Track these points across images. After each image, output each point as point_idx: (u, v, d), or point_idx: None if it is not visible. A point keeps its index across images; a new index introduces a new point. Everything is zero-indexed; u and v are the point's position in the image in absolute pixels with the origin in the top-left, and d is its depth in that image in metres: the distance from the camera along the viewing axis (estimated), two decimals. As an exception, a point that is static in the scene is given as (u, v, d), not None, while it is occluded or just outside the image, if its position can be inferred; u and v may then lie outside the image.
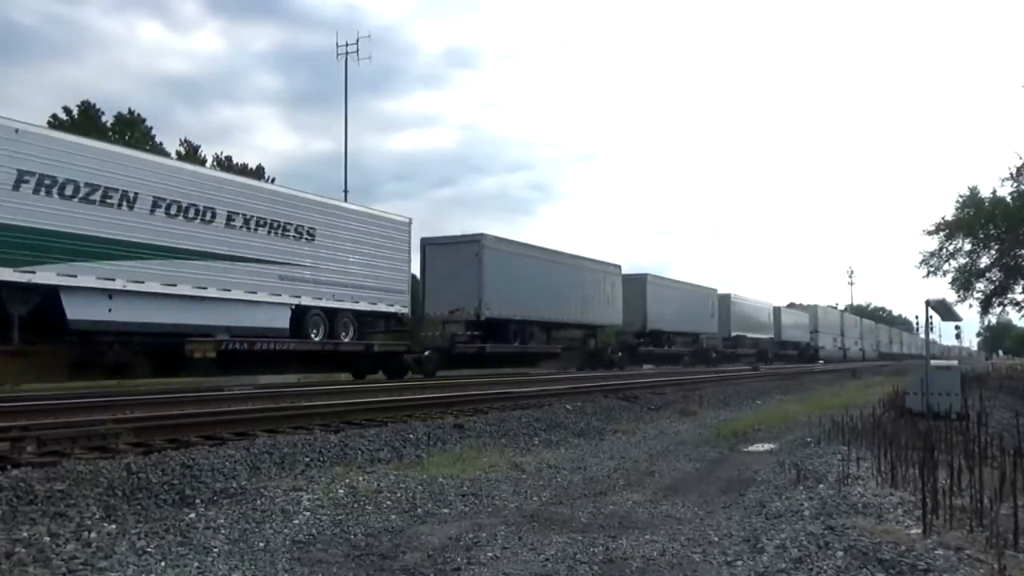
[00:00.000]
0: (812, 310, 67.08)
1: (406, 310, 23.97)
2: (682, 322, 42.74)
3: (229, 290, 18.17)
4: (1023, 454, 5.82)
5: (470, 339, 26.20)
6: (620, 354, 36.04)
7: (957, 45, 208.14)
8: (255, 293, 18.85)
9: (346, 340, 21.68)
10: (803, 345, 62.43)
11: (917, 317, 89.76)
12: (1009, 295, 36.42)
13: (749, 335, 52.67)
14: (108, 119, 40.97)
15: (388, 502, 6.07)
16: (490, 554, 4.60)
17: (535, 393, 15.52)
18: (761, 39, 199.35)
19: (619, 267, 36.60)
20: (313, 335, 20.52)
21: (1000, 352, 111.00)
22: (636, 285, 38.20)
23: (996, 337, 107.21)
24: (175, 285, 17.04)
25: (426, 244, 27.38)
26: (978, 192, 33.37)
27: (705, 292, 47.09)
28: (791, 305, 67.21)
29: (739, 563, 4.36)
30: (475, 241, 26.74)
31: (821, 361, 58.95)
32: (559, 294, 30.43)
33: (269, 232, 19.36)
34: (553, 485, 7.05)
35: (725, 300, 49.16)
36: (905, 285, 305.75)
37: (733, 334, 49.79)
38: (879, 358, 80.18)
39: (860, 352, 76.92)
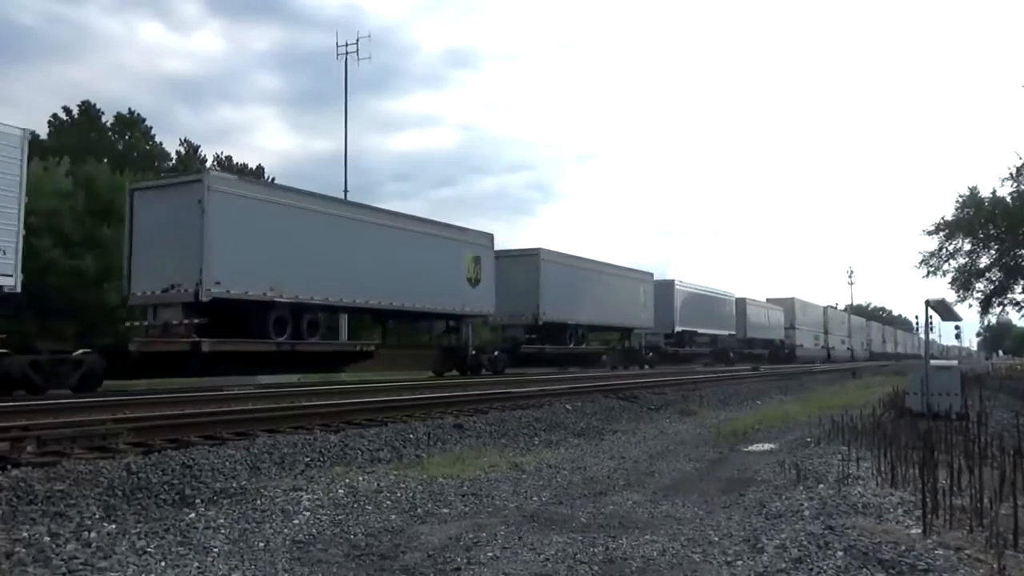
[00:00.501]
0: (788, 304, 58.96)
1: (8, 280, 14.20)
2: (599, 313, 33.10)
3: None
4: (1023, 454, 5.82)
5: (186, 330, 17.18)
6: (496, 353, 27.27)
7: (957, 45, 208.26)
8: None
9: None
10: (776, 343, 55.41)
11: (917, 317, 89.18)
12: (1009, 295, 36.48)
13: (702, 331, 44.39)
14: (108, 119, 40.97)
15: (388, 502, 6.07)
16: (490, 554, 4.60)
17: (535, 393, 15.56)
18: (761, 40, 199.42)
19: (491, 237, 27.23)
20: None
21: (1000, 352, 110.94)
22: (525, 264, 28.95)
23: (996, 337, 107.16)
24: None
25: (134, 190, 18.96)
26: (978, 192, 33.40)
27: (635, 276, 37.57)
28: (768, 300, 59.20)
29: (739, 563, 4.36)
30: (196, 181, 17.82)
31: (820, 362, 57.41)
32: (377, 270, 21.57)
33: None
34: (553, 485, 7.05)
35: (666, 288, 40.50)
36: (905, 285, 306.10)
37: (679, 329, 41.40)
38: (870, 358, 74.68)
39: (848, 352, 70.81)
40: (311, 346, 20.22)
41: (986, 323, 67.70)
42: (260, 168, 47.85)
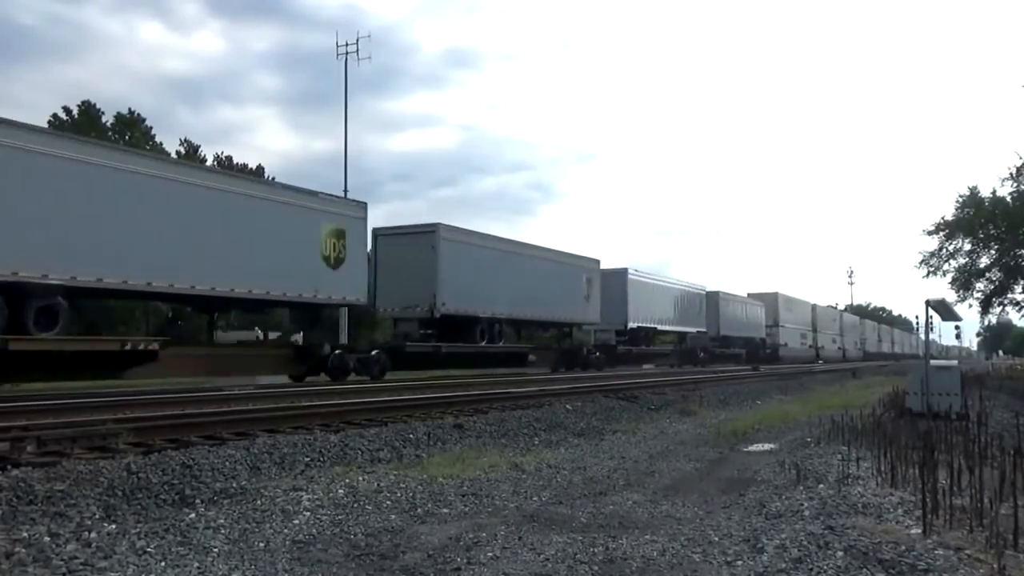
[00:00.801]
0: (770, 299, 54.46)
1: None
2: (525, 305, 27.87)
3: None
4: (1023, 454, 5.81)
5: None
6: (374, 352, 21.91)
7: (957, 45, 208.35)
8: None
9: None
10: (756, 342, 51.27)
11: (917, 317, 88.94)
12: (1009, 295, 36.55)
13: (664, 328, 39.34)
14: (108, 119, 40.97)
15: (388, 502, 6.07)
16: (490, 554, 4.60)
17: (535, 393, 15.56)
18: (761, 40, 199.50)
19: (362, 207, 21.96)
20: None
21: (1000, 352, 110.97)
22: (420, 244, 23.80)
23: (996, 337, 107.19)
24: None
25: None
26: (978, 192, 33.48)
27: (575, 263, 31.74)
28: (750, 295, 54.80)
29: (739, 563, 4.35)
30: None
31: (820, 361, 56.15)
32: (179, 242, 16.62)
33: None
34: (553, 485, 7.05)
35: (617, 278, 34.84)
36: (905, 285, 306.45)
37: (633, 326, 36.00)
38: (864, 358, 70.60)
39: (839, 352, 67.32)
40: (36, 344, 14.24)
41: (986, 323, 67.59)
42: (260, 168, 47.90)
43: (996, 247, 33.77)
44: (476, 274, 25.22)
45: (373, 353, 21.92)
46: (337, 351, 21.15)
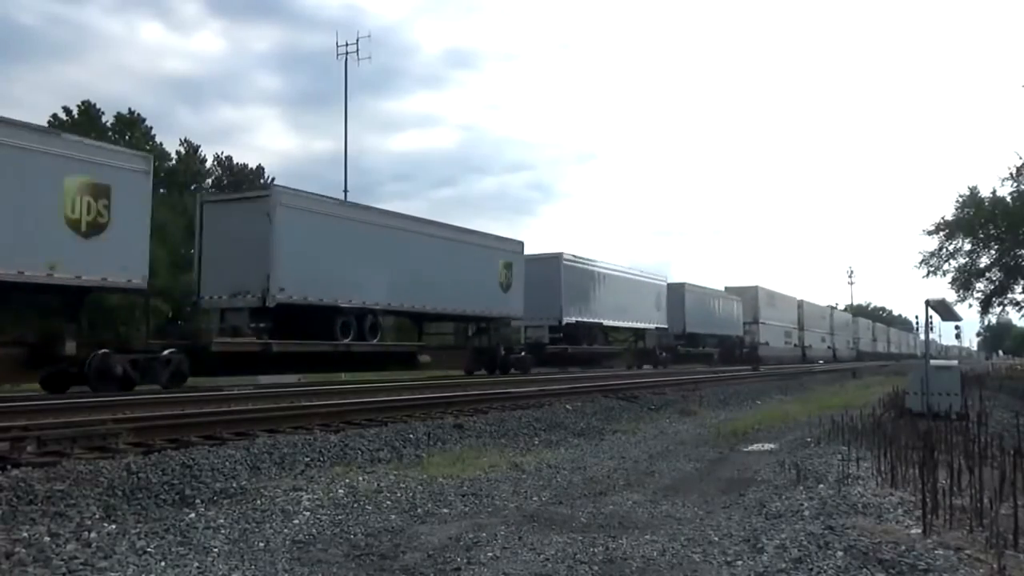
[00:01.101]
0: (750, 293, 49.67)
1: None
2: (414, 295, 22.79)
3: None
4: (1023, 454, 5.81)
5: None
6: (168, 352, 16.29)
7: (957, 45, 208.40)
8: None
9: None
10: (732, 340, 47.07)
11: (917, 317, 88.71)
12: (1009, 295, 36.57)
13: (612, 323, 34.22)
14: (109, 119, 40.96)
15: (388, 502, 6.07)
16: (490, 554, 4.60)
17: (535, 393, 15.57)
18: (761, 39, 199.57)
19: (145, 159, 16.97)
20: None
21: (1000, 352, 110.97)
22: (252, 214, 18.97)
23: (996, 337, 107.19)
24: None
25: None
26: (978, 192, 33.52)
27: (487, 245, 26.72)
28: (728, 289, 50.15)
29: (739, 563, 4.35)
30: None
31: (821, 361, 55.58)
32: None
33: None
34: (553, 485, 7.05)
35: (548, 264, 29.91)
36: (905, 285, 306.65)
37: (569, 320, 30.69)
38: (857, 359, 66.70)
39: (830, 352, 63.76)
40: None
41: (986, 323, 67.44)
42: (260, 168, 47.92)
43: (996, 247, 33.80)
44: (336, 253, 20.06)
45: (164, 354, 16.26)
46: (103, 350, 15.11)
